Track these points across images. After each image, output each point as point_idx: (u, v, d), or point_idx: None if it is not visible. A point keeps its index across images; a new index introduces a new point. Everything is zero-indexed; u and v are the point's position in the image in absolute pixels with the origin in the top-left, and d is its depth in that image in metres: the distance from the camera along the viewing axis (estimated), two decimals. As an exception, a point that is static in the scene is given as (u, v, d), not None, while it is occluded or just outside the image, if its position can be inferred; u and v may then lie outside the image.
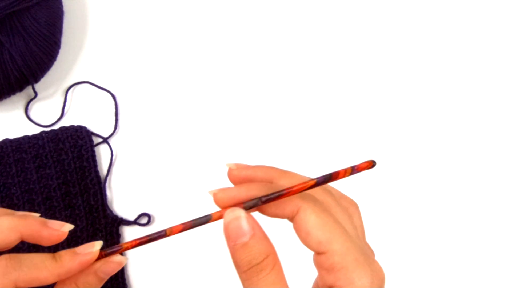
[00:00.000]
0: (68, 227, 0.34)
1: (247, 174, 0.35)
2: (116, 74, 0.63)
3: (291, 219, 0.33)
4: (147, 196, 0.59)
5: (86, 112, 0.61)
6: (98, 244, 0.33)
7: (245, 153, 0.61)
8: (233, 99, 0.63)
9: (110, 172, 0.59)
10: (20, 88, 0.58)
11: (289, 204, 0.32)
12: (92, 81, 0.62)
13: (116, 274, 0.56)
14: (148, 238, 0.34)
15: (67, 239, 0.56)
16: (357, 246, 0.31)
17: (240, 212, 0.32)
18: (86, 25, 0.64)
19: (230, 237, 0.31)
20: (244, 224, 0.31)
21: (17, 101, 0.61)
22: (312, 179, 0.32)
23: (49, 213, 0.56)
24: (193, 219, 0.33)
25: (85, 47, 0.64)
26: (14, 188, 0.56)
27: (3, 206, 0.55)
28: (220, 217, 0.33)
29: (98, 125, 0.61)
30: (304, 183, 0.32)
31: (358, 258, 0.31)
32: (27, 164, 0.57)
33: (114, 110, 0.61)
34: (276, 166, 0.35)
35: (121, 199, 0.59)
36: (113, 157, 0.60)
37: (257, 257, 0.31)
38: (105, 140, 0.60)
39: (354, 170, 0.32)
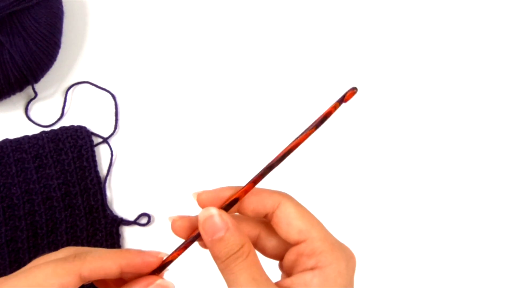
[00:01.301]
0: (163, 254, 0.37)
1: (216, 195, 0.37)
2: (116, 74, 0.63)
3: (271, 214, 0.36)
4: (147, 196, 0.59)
5: (86, 112, 0.61)
6: (164, 254, 0.36)
7: (245, 152, 0.61)
8: (233, 99, 0.63)
9: (110, 172, 0.59)
10: (20, 88, 0.58)
11: (270, 199, 0.36)
12: (92, 81, 0.62)
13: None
14: (189, 241, 0.36)
15: (67, 239, 0.56)
16: (331, 235, 0.35)
17: (213, 210, 0.35)
18: (86, 25, 0.64)
19: (207, 233, 0.34)
20: (218, 220, 0.34)
21: (17, 101, 0.61)
22: (310, 126, 0.36)
23: (49, 213, 0.56)
24: None
25: (85, 47, 0.64)
26: (14, 188, 0.56)
27: (3, 206, 0.55)
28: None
29: (98, 125, 0.61)
30: (305, 133, 0.36)
31: (334, 243, 0.35)
32: (27, 164, 0.57)
33: (114, 110, 0.61)
34: (236, 185, 0.37)
35: (121, 199, 0.59)
36: (113, 157, 0.60)
37: (233, 248, 0.34)
38: (105, 140, 0.60)
39: (341, 102, 0.36)
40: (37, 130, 0.60)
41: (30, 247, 0.55)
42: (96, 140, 0.60)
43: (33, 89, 0.59)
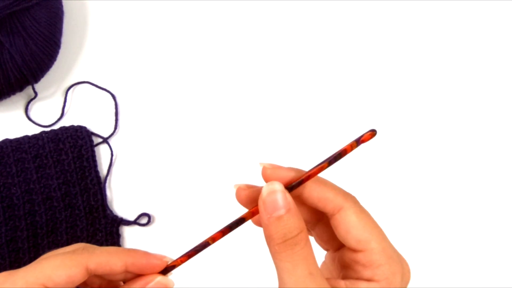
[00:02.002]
0: (168, 259, 0.36)
1: (281, 174, 0.35)
2: (116, 74, 0.63)
3: (331, 215, 0.35)
4: (147, 196, 0.59)
5: (86, 112, 0.61)
6: (169, 259, 0.36)
7: (245, 152, 0.61)
8: (233, 99, 0.63)
9: (110, 172, 0.59)
10: (20, 88, 0.58)
11: (332, 202, 0.34)
12: (92, 81, 0.62)
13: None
14: (194, 251, 0.36)
15: (67, 239, 0.56)
16: (391, 245, 0.34)
17: (278, 186, 0.33)
18: (86, 25, 0.64)
19: (267, 209, 0.33)
20: (281, 198, 0.33)
21: (17, 101, 0.61)
22: (324, 162, 0.35)
23: (49, 213, 0.56)
24: (230, 223, 0.35)
25: (85, 47, 0.64)
26: (14, 188, 0.56)
27: (3, 206, 0.55)
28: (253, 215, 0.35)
29: (98, 125, 0.61)
30: (319, 166, 0.34)
31: (392, 255, 0.34)
32: (27, 164, 0.57)
33: (114, 110, 0.61)
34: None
35: (121, 199, 0.59)
36: (113, 157, 0.60)
37: (292, 231, 0.32)
38: (105, 140, 0.60)
39: (358, 142, 0.35)
40: (37, 130, 0.60)
41: (30, 247, 0.55)
42: (96, 140, 0.60)
43: (33, 89, 0.59)
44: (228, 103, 0.63)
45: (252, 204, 0.35)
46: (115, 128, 0.61)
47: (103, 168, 0.60)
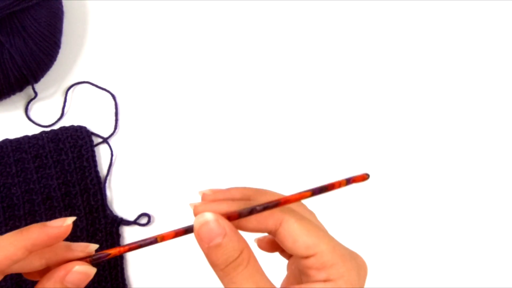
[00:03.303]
0: (70, 220, 0.34)
1: (224, 196, 0.35)
2: (116, 74, 0.63)
3: (274, 232, 0.34)
4: (147, 196, 0.59)
5: (86, 112, 0.61)
6: (70, 220, 0.34)
7: (245, 152, 0.61)
8: (233, 99, 0.63)
9: (110, 172, 0.59)
10: (20, 88, 0.58)
11: (271, 218, 0.34)
12: (92, 81, 0.62)
13: (116, 274, 0.56)
14: (138, 244, 0.34)
15: (67, 239, 0.56)
16: (340, 244, 0.34)
17: (209, 216, 0.33)
18: (86, 25, 0.64)
19: (203, 240, 0.33)
20: (215, 226, 0.32)
21: (17, 101, 0.61)
22: (308, 190, 0.34)
23: (49, 213, 0.56)
24: (186, 226, 0.34)
25: (85, 47, 0.64)
26: (14, 188, 0.56)
27: (3, 206, 0.55)
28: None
29: (98, 125, 0.61)
30: (301, 193, 0.34)
31: (344, 254, 0.34)
32: (27, 164, 0.57)
33: (114, 110, 0.61)
34: (250, 186, 0.36)
35: (121, 199, 0.59)
36: (113, 157, 0.60)
37: (232, 254, 0.32)
38: (105, 140, 0.60)
39: (349, 182, 0.34)
40: (37, 130, 0.60)
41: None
42: (96, 140, 0.60)
43: (33, 89, 0.59)
44: (228, 103, 0.63)
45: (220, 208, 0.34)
46: (115, 128, 0.61)
47: (103, 168, 0.59)
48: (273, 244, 0.37)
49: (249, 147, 0.62)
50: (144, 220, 0.58)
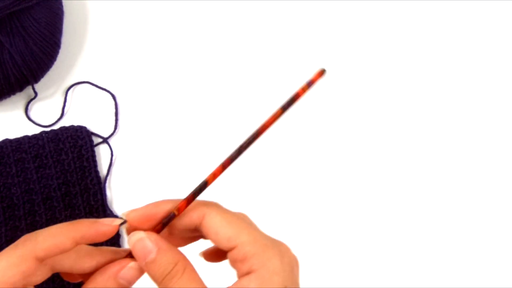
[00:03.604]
0: (118, 221, 0.36)
1: (146, 212, 0.36)
2: (116, 74, 0.63)
3: (199, 226, 0.36)
4: (147, 196, 0.59)
5: (86, 112, 0.61)
6: (118, 221, 0.36)
7: (245, 152, 0.61)
8: (233, 99, 0.63)
9: (110, 172, 0.59)
10: (20, 88, 0.58)
11: (195, 212, 0.36)
12: (92, 81, 0.62)
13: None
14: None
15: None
16: (262, 234, 0.35)
17: (141, 234, 0.35)
18: (86, 25, 0.64)
19: (140, 257, 0.34)
20: (148, 243, 0.34)
21: (17, 101, 0.61)
22: (278, 109, 0.35)
23: (49, 213, 0.56)
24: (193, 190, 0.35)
25: (85, 47, 0.64)
26: (14, 188, 0.56)
27: (3, 206, 0.55)
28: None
29: (98, 125, 0.61)
30: (273, 115, 0.35)
31: (266, 243, 0.34)
32: (27, 164, 0.57)
33: (114, 110, 0.61)
34: (167, 198, 0.37)
35: (121, 199, 0.59)
36: (113, 157, 0.60)
37: (167, 267, 0.34)
38: (105, 140, 0.60)
39: (310, 84, 0.35)
40: (37, 130, 0.60)
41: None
42: (96, 140, 0.60)
43: (33, 89, 0.59)
44: (228, 103, 0.63)
45: (147, 223, 0.36)
46: (115, 128, 0.61)
47: (103, 168, 0.60)
48: (218, 253, 0.37)
49: (249, 147, 0.61)
50: (144, 220, 0.58)
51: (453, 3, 0.68)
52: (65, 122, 0.60)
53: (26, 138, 0.58)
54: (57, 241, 0.34)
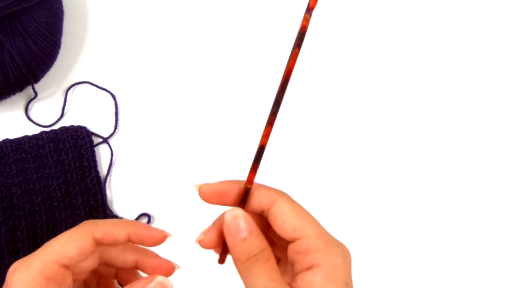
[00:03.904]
0: (169, 235, 0.39)
1: (217, 188, 0.38)
2: (116, 74, 0.63)
3: (266, 211, 0.37)
4: (147, 196, 0.59)
5: (86, 112, 0.61)
6: (169, 235, 0.39)
7: (245, 152, 0.61)
8: (233, 99, 0.63)
9: (110, 172, 0.59)
10: (20, 88, 0.58)
11: (265, 196, 0.37)
12: (92, 81, 0.62)
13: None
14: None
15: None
16: (326, 231, 0.36)
17: (239, 211, 0.36)
18: (86, 25, 0.64)
19: (231, 233, 0.36)
20: (243, 222, 0.35)
21: (17, 101, 0.61)
22: (294, 48, 0.36)
23: (49, 213, 0.56)
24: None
25: (85, 47, 0.64)
26: (14, 188, 0.56)
27: (3, 206, 0.55)
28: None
29: (98, 125, 0.61)
30: (293, 56, 0.37)
31: (329, 239, 0.36)
32: (27, 164, 0.57)
33: (114, 110, 0.61)
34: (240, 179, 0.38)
35: (121, 199, 0.59)
36: (113, 157, 0.60)
37: (254, 250, 0.35)
38: (105, 140, 0.60)
39: (309, 11, 0.36)
40: (37, 130, 0.60)
41: (30, 247, 0.55)
42: (96, 140, 0.60)
43: (33, 89, 0.59)
44: (228, 103, 0.63)
45: (217, 199, 0.38)
46: (115, 128, 0.61)
47: (103, 168, 0.60)
48: (218, 239, 0.38)
49: (249, 147, 0.61)
50: (144, 220, 0.58)
51: (453, 3, 0.68)
52: (65, 122, 0.60)
53: (26, 138, 0.58)
54: (114, 230, 0.37)
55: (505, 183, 0.63)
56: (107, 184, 0.59)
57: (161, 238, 0.39)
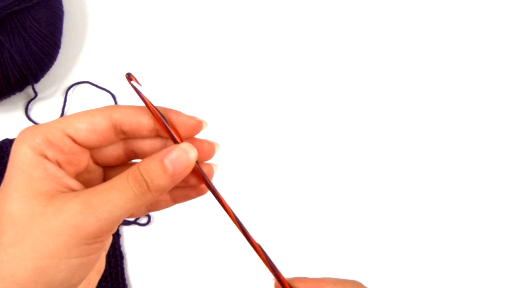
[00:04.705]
0: (205, 123, 0.37)
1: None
2: (116, 74, 0.63)
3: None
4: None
5: (86, 112, 0.61)
6: (206, 125, 0.37)
7: (246, 152, 0.61)
8: (233, 99, 0.63)
9: (110, 172, 0.59)
10: (20, 88, 0.58)
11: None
12: (92, 81, 0.62)
13: (116, 274, 0.56)
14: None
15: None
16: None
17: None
18: (86, 25, 0.64)
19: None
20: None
21: (17, 101, 0.61)
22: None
23: (49, 213, 0.56)
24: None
25: (85, 47, 0.64)
26: (14, 188, 0.56)
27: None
28: None
29: (98, 125, 0.61)
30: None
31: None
32: (27, 164, 0.57)
33: (114, 110, 0.61)
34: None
35: (121, 199, 0.59)
36: (113, 157, 0.60)
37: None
38: (105, 140, 0.60)
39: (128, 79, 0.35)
40: (37, 130, 0.60)
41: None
42: (96, 140, 0.60)
43: (33, 89, 0.59)
44: (228, 103, 0.63)
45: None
46: (115, 128, 0.61)
47: (103, 168, 0.59)
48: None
49: (250, 147, 0.62)
50: (144, 220, 0.58)
51: (453, 3, 0.68)
52: (65, 122, 0.60)
53: (26, 138, 0.58)
54: (137, 112, 0.35)
55: (505, 183, 0.63)
56: (107, 184, 0.59)
57: (197, 125, 0.36)
